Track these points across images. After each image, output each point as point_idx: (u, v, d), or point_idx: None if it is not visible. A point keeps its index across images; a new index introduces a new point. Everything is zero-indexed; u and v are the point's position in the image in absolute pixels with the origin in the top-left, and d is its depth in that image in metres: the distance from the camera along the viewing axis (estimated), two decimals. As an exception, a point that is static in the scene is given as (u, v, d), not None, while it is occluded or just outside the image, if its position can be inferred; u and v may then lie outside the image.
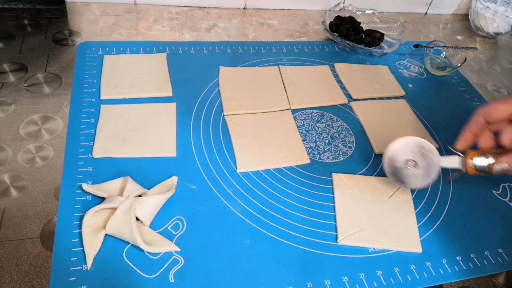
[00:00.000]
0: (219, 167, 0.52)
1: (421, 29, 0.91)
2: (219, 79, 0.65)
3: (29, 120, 0.54)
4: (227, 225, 0.46)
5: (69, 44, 0.68)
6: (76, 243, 0.42)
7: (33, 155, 0.51)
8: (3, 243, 0.42)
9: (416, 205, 0.52)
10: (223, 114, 0.59)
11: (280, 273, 0.43)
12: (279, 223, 0.47)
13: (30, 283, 0.40)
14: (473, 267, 0.47)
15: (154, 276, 0.41)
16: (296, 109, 0.62)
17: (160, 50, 0.68)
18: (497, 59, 0.87)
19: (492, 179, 0.57)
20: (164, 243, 0.43)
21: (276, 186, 0.51)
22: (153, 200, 0.45)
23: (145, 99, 0.59)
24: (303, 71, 0.69)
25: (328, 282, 0.43)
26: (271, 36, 0.79)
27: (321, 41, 0.79)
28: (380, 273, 0.44)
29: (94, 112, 0.55)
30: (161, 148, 0.52)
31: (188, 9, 0.82)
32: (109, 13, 0.76)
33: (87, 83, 0.59)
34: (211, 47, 0.71)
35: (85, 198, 0.46)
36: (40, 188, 0.47)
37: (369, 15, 0.83)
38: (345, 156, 0.57)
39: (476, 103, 0.71)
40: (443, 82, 0.74)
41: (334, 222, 0.48)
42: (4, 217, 0.44)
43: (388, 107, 0.66)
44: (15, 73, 0.61)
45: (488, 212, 0.53)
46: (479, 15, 0.91)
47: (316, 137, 0.59)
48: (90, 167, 0.49)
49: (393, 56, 0.78)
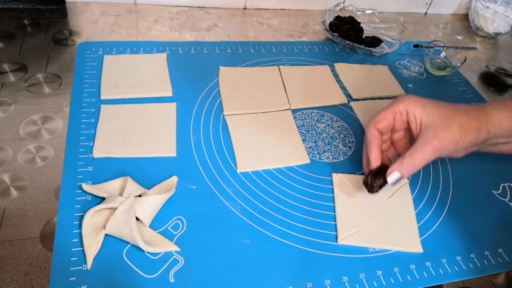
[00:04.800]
0: (219, 167, 0.52)
1: (421, 29, 0.91)
2: (219, 79, 0.65)
3: (29, 120, 0.54)
4: (227, 225, 0.46)
5: (69, 44, 0.68)
6: (76, 243, 0.42)
7: (33, 155, 0.51)
8: (3, 243, 0.42)
9: (416, 205, 0.52)
10: (223, 114, 0.59)
11: (280, 273, 0.43)
12: (279, 223, 0.47)
13: (30, 283, 0.40)
14: (473, 267, 0.47)
15: (154, 276, 0.41)
16: (296, 109, 0.62)
17: (160, 50, 0.68)
18: (497, 59, 0.87)
19: (492, 179, 0.57)
20: (164, 243, 0.43)
21: (276, 186, 0.51)
22: (153, 200, 0.45)
23: (145, 99, 0.59)
24: (303, 71, 0.69)
25: (328, 282, 0.43)
26: (271, 36, 0.79)
27: (321, 41, 0.79)
28: (380, 273, 0.44)
29: (94, 112, 0.55)
30: (161, 148, 0.52)
31: (188, 9, 0.82)
32: (109, 13, 0.76)
33: (87, 83, 0.59)
34: (211, 47, 0.71)
35: (85, 198, 0.46)
36: (40, 188, 0.47)
37: (369, 15, 0.83)
38: (345, 156, 0.57)
39: (476, 103, 0.71)
40: (443, 82, 0.74)
41: (334, 222, 0.48)
42: (4, 217, 0.44)
43: (388, 107, 0.66)
44: (15, 73, 0.61)
45: (488, 212, 0.53)
46: (479, 15, 0.91)
47: (316, 137, 0.59)
48: (90, 167, 0.49)
49: (393, 56, 0.78)
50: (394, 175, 0.45)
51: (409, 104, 0.46)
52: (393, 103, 0.47)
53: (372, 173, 0.47)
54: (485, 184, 0.56)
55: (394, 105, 0.47)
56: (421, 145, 0.44)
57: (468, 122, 0.43)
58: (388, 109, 0.47)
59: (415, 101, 0.46)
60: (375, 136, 0.47)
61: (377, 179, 0.47)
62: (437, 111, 0.44)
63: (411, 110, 0.45)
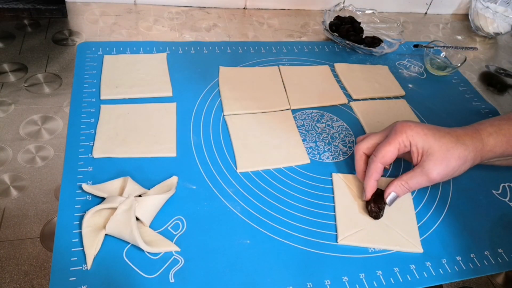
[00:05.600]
0: (219, 167, 0.52)
1: (421, 29, 0.91)
2: (219, 79, 0.65)
3: (29, 120, 0.54)
4: (227, 225, 0.46)
5: (69, 44, 0.68)
6: (76, 243, 0.42)
7: (33, 155, 0.51)
8: (3, 243, 0.42)
9: (416, 205, 0.52)
10: (223, 114, 0.59)
11: (280, 273, 0.43)
12: (279, 223, 0.47)
13: (30, 283, 0.40)
14: (473, 267, 0.47)
15: (154, 276, 0.41)
16: (296, 109, 0.63)
17: (160, 50, 0.68)
18: (497, 59, 0.87)
19: (492, 179, 0.57)
20: (164, 243, 0.43)
21: (276, 186, 0.51)
22: (153, 200, 0.45)
23: (145, 99, 0.59)
24: (303, 71, 0.70)
25: (328, 282, 0.43)
26: (271, 36, 0.79)
27: (321, 41, 0.79)
28: (380, 273, 0.44)
29: (94, 112, 0.55)
30: (161, 148, 0.52)
31: (188, 9, 0.82)
32: (109, 13, 0.76)
33: (87, 83, 0.59)
34: (211, 47, 0.71)
35: (85, 198, 0.46)
36: (40, 188, 0.47)
37: (369, 15, 0.83)
38: (345, 156, 0.57)
39: (476, 103, 0.71)
40: (443, 82, 0.74)
41: (334, 222, 0.48)
42: (4, 217, 0.44)
43: (388, 107, 0.66)
44: (15, 73, 0.61)
45: (488, 212, 0.53)
46: (479, 15, 0.91)
47: (316, 137, 0.59)
48: (90, 167, 0.49)
49: (393, 56, 0.78)
50: (392, 196, 0.48)
51: (412, 136, 0.46)
52: (396, 135, 0.47)
53: (371, 201, 0.49)
54: (485, 184, 0.56)
55: (397, 137, 0.47)
56: (419, 174, 0.47)
57: (465, 154, 0.46)
58: (392, 143, 0.47)
59: (417, 132, 0.47)
60: (376, 170, 0.48)
61: (379, 204, 0.48)
62: (438, 143, 0.46)
63: (414, 142, 0.47)
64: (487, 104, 0.71)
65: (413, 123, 0.47)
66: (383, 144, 0.48)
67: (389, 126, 0.50)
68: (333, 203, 0.50)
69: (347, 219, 0.48)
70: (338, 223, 0.48)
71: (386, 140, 0.48)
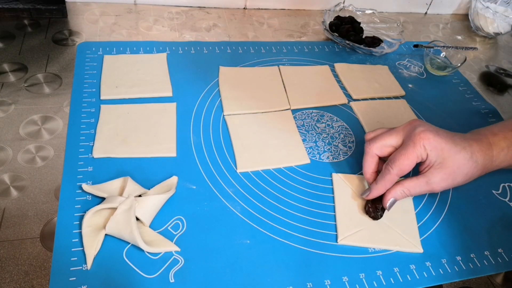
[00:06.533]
0: (219, 167, 0.52)
1: (421, 29, 0.91)
2: (219, 79, 0.65)
3: (29, 120, 0.54)
4: (227, 225, 0.46)
5: (69, 44, 0.68)
6: (76, 243, 0.42)
7: (33, 155, 0.51)
8: (3, 243, 0.42)
9: (416, 205, 0.52)
10: (223, 114, 0.59)
11: (280, 273, 0.43)
12: (279, 223, 0.47)
13: (30, 283, 0.40)
14: (473, 267, 0.47)
15: (154, 276, 0.41)
16: (296, 109, 0.63)
17: (160, 50, 0.68)
18: (497, 59, 0.87)
19: (492, 179, 0.57)
20: (164, 243, 0.43)
21: (276, 186, 0.51)
22: (153, 200, 0.45)
23: (145, 99, 0.59)
24: (303, 71, 0.70)
25: (328, 282, 0.43)
26: (271, 36, 0.79)
27: (321, 41, 0.79)
28: (380, 273, 0.44)
29: (94, 112, 0.55)
30: (161, 148, 0.52)
31: (188, 9, 0.82)
32: (109, 13, 0.76)
33: (87, 83, 0.59)
34: (211, 47, 0.71)
35: (85, 198, 0.46)
36: (40, 188, 0.47)
37: (369, 15, 0.83)
38: (345, 156, 0.57)
39: (476, 103, 0.71)
40: (443, 82, 0.74)
41: (334, 222, 0.48)
42: (4, 217, 0.44)
43: (388, 107, 0.66)
44: (15, 73, 0.61)
45: (488, 212, 0.53)
46: (479, 15, 0.90)
47: (316, 137, 0.59)
48: (90, 167, 0.49)
49: (393, 56, 0.78)
50: (391, 201, 0.48)
51: (430, 150, 0.45)
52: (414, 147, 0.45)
53: (369, 202, 0.49)
54: (485, 184, 0.56)
55: (416, 149, 0.45)
56: (424, 185, 0.47)
57: (473, 172, 0.47)
58: (410, 156, 0.45)
59: (435, 146, 0.45)
60: (392, 182, 0.47)
61: (377, 205, 0.48)
62: (452, 159, 0.45)
63: (430, 155, 0.45)
64: (487, 104, 0.71)
65: (431, 133, 0.45)
66: (400, 156, 0.46)
67: (404, 127, 0.48)
68: (333, 203, 0.50)
69: (347, 219, 0.48)
70: (338, 223, 0.48)
71: (404, 152, 0.45)
